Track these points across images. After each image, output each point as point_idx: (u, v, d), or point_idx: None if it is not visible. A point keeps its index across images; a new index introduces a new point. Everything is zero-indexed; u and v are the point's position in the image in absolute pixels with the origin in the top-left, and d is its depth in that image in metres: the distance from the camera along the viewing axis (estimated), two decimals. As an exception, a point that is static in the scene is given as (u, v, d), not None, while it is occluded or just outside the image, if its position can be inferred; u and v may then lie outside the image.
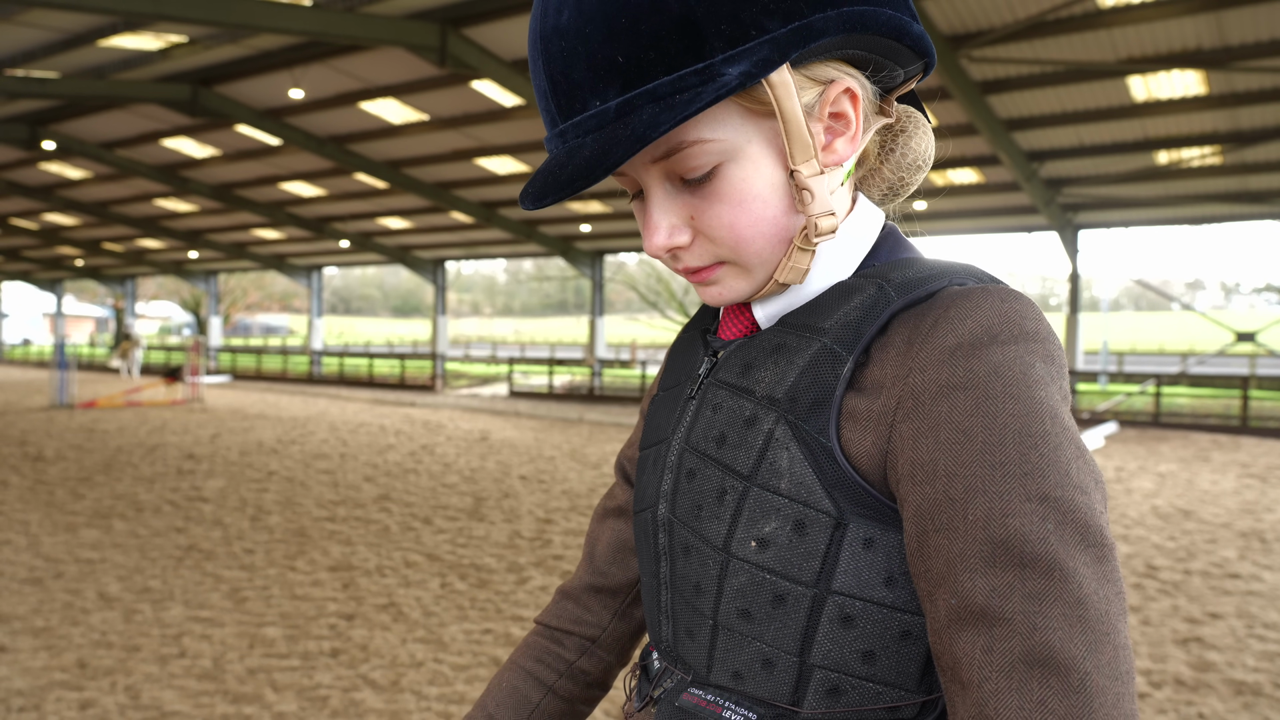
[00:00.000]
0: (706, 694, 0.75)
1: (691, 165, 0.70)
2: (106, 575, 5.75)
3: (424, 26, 12.31)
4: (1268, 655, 4.54)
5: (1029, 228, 20.68)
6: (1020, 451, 0.60)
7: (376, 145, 18.64)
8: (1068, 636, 0.55)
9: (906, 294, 0.69)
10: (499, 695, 0.96)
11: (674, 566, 0.78)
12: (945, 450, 0.62)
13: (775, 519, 0.69)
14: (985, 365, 0.63)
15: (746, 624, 0.71)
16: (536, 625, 1.01)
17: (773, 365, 0.72)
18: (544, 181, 0.68)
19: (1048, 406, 0.62)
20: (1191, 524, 7.75)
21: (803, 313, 0.74)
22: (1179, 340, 66.49)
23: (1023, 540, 0.58)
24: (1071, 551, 0.58)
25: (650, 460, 0.84)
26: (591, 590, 0.99)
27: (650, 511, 0.82)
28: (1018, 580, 0.57)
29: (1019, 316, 0.65)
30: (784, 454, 0.69)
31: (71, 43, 13.86)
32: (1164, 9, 10.44)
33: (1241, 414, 16.25)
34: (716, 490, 0.73)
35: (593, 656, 0.98)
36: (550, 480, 9.83)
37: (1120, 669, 0.56)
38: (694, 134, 0.68)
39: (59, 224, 30.94)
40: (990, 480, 0.60)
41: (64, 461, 10.61)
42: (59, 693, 3.85)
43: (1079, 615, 0.56)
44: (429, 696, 3.90)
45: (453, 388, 26.65)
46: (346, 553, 6.44)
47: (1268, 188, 16.80)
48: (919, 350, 0.66)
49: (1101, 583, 0.58)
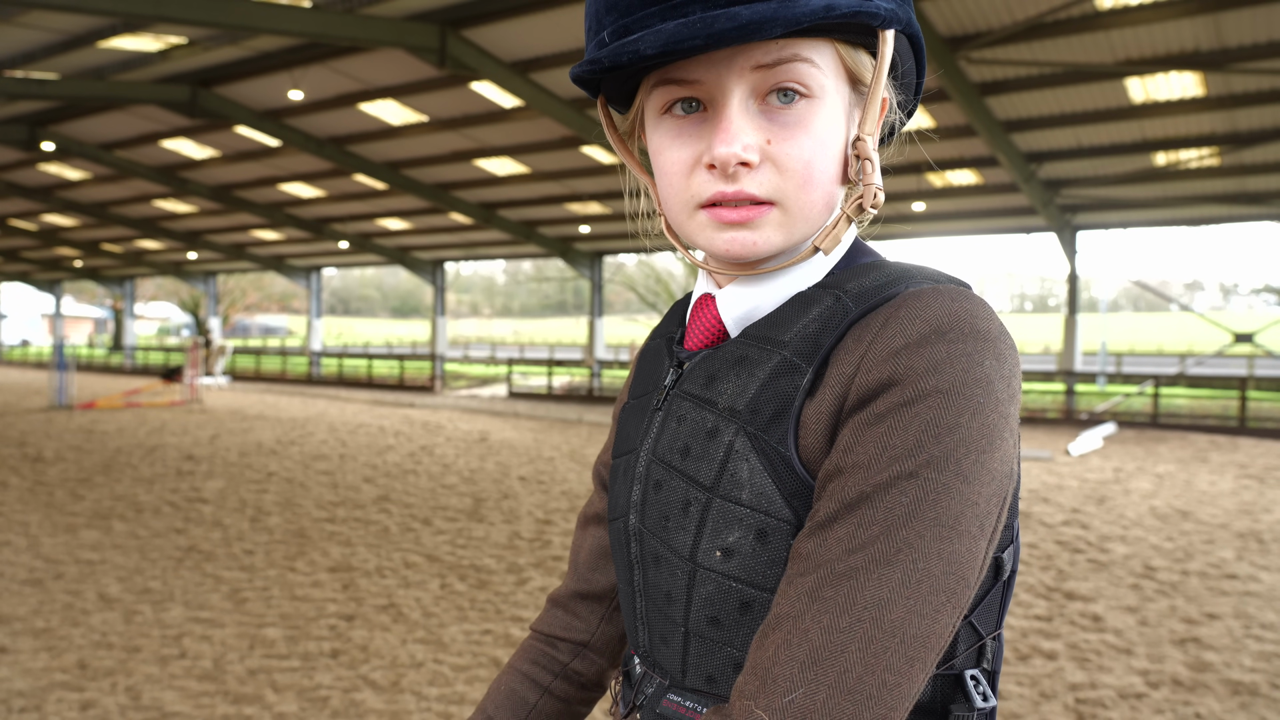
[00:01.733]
0: (685, 700, 0.77)
1: (792, 80, 0.70)
2: (106, 576, 5.76)
3: (423, 28, 12.32)
4: (1264, 655, 4.55)
5: (1027, 229, 20.71)
6: (919, 441, 0.63)
7: (376, 146, 18.65)
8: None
9: (864, 303, 0.71)
10: (497, 698, 0.98)
11: (646, 575, 0.80)
12: (866, 446, 0.65)
13: (738, 529, 0.70)
14: (924, 362, 0.64)
15: (716, 630, 0.73)
16: (531, 632, 1.04)
17: (735, 377, 0.74)
18: (699, 24, 0.65)
19: (977, 404, 0.63)
20: (1189, 525, 7.76)
21: (764, 325, 0.75)
22: (1177, 341, 66.53)
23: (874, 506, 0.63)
24: (922, 528, 0.62)
25: (621, 470, 0.85)
26: (578, 597, 1.01)
27: (622, 521, 0.83)
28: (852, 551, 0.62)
29: (969, 315, 0.66)
30: (744, 465, 0.70)
31: (71, 44, 13.87)
32: (1162, 11, 10.46)
33: (1239, 415, 16.26)
34: (681, 501, 0.74)
35: (585, 659, 1.00)
36: (549, 481, 9.84)
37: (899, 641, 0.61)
38: (805, 51, 0.70)
39: (58, 225, 30.94)
40: (877, 461, 0.64)
41: (63, 462, 10.61)
42: (60, 694, 3.86)
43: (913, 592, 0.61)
44: (429, 697, 3.91)
45: (452, 389, 26.65)
46: (346, 554, 6.44)
47: (1266, 189, 16.83)
48: (868, 350, 0.67)
49: (953, 564, 0.62)
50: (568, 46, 13.07)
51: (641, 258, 32.64)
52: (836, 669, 0.59)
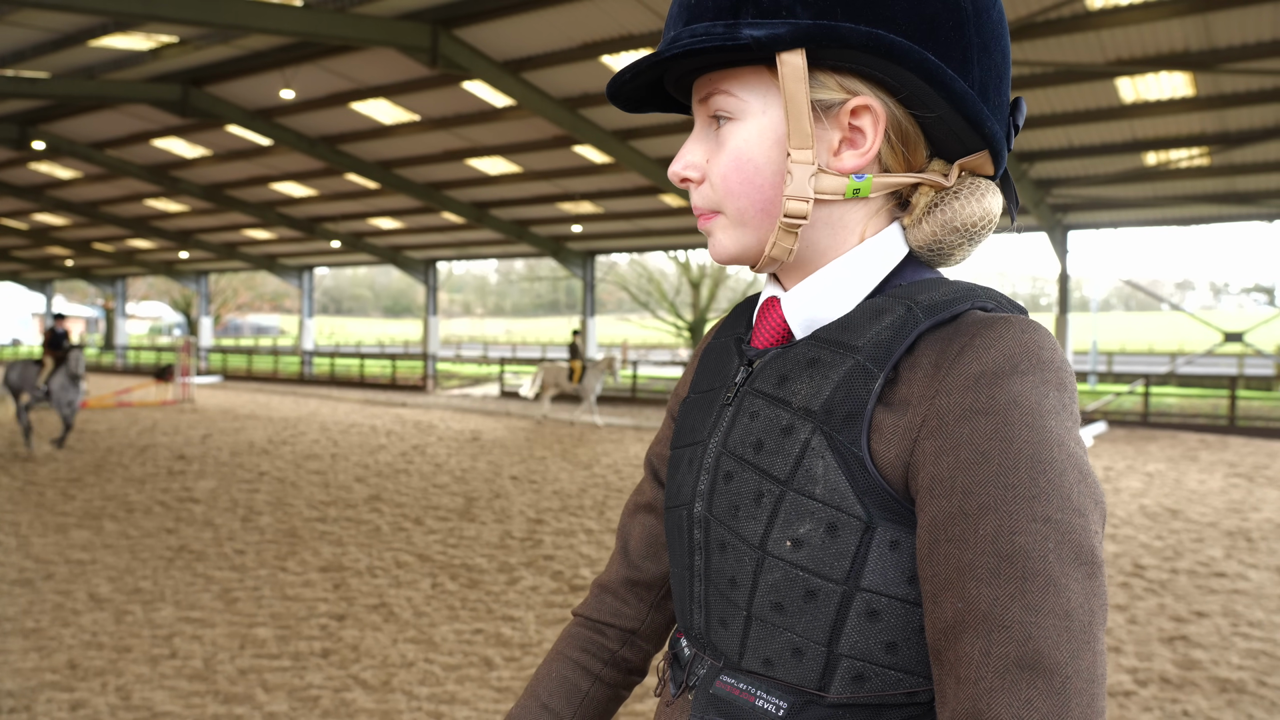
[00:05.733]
0: (739, 682, 0.80)
1: (717, 108, 0.81)
2: (97, 576, 5.74)
3: (415, 27, 12.31)
4: (1252, 653, 4.58)
5: (1019, 228, 20.75)
6: (1030, 476, 0.67)
7: (367, 145, 18.61)
8: (1055, 644, 0.63)
9: (933, 315, 0.75)
10: (550, 685, 1.01)
11: (709, 560, 0.83)
12: (964, 469, 0.69)
13: (810, 521, 0.75)
14: (1005, 394, 0.69)
15: (779, 616, 0.77)
16: (577, 618, 1.06)
17: (808, 379, 0.78)
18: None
19: (1056, 435, 0.69)
20: (1179, 523, 7.80)
21: (835, 329, 0.79)
22: (1168, 340, 66.72)
23: (1025, 556, 0.65)
24: (1066, 568, 0.65)
25: (685, 460, 0.89)
26: (628, 584, 1.03)
27: (685, 509, 0.87)
28: (1018, 591, 0.65)
29: (1037, 347, 0.71)
30: (819, 462, 0.75)
31: (62, 43, 13.82)
32: (1152, 11, 10.49)
33: (1229, 414, 16.33)
34: (754, 493, 0.78)
35: (634, 646, 1.03)
36: (541, 481, 9.84)
37: (1096, 673, 0.64)
38: (724, 84, 0.80)
39: (49, 224, 30.81)
40: (1002, 500, 0.67)
41: (54, 462, 10.58)
42: (50, 694, 3.86)
43: (1066, 625, 0.64)
44: (420, 696, 3.91)
45: (444, 388, 26.61)
46: (337, 553, 6.44)
47: (1255, 189, 16.90)
48: (945, 374, 0.72)
49: (1088, 597, 0.65)
50: (559, 46, 13.07)
51: (634, 257, 32.64)
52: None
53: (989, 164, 0.82)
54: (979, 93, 0.77)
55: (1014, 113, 0.82)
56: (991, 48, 0.78)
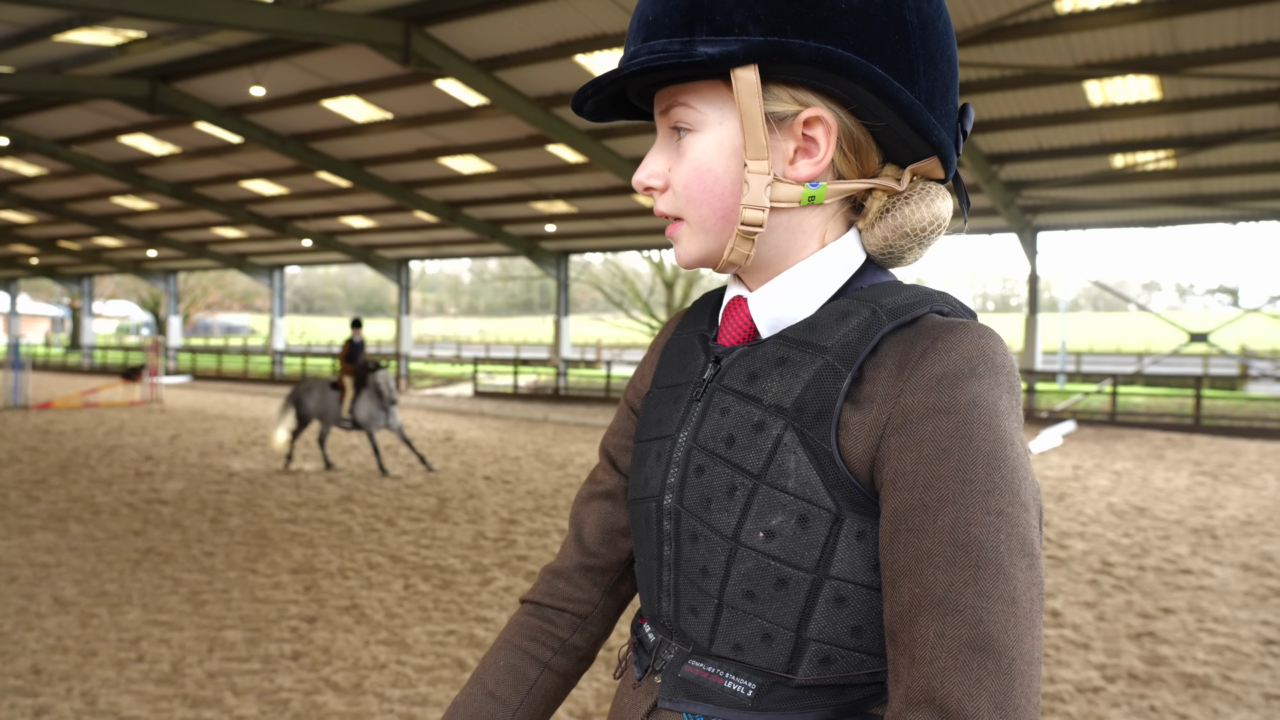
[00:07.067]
0: (708, 665, 0.84)
1: (676, 120, 0.84)
2: (62, 579, 5.66)
3: (387, 24, 12.23)
4: (1217, 649, 4.65)
5: (989, 229, 20.93)
6: (986, 472, 0.72)
7: (339, 143, 18.47)
8: (1003, 628, 0.69)
9: (895, 318, 0.80)
10: (497, 673, 1.01)
11: (679, 551, 0.86)
12: (925, 463, 0.74)
13: (782, 513, 0.78)
14: (966, 395, 0.74)
15: (750, 603, 0.80)
16: (526, 604, 1.06)
17: (778, 377, 0.81)
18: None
19: (1009, 435, 0.74)
20: (1146, 521, 7.90)
21: (802, 329, 0.83)
22: (1135, 340, 67.56)
23: (979, 546, 0.71)
24: (1014, 559, 0.71)
25: (652, 454, 0.91)
26: (582, 569, 1.04)
27: (654, 501, 0.89)
28: (971, 579, 0.70)
29: (992, 351, 0.76)
30: (791, 457, 0.78)
31: (26, 37, 13.61)
32: (1119, 15, 10.63)
33: (1195, 413, 16.57)
34: (726, 486, 0.81)
35: (584, 632, 1.04)
36: (515, 481, 9.81)
37: (1035, 655, 0.70)
38: (683, 97, 0.83)
39: (13, 221, 30.33)
40: (960, 493, 0.72)
41: (18, 464, 10.41)
42: (13, 699, 3.79)
43: (1013, 611, 0.69)
44: (392, 699, 3.89)
45: (417, 388, 26.47)
46: (308, 555, 6.38)
47: (1220, 191, 17.15)
48: (910, 375, 0.76)
49: (1030, 585, 0.71)
50: (533, 45, 13.03)
51: (607, 256, 32.59)
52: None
53: (939, 169, 0.85)
54: (925, 102, 0.80)
55: (962, 119, 0.85)
56: (937, 59, 0.81)
